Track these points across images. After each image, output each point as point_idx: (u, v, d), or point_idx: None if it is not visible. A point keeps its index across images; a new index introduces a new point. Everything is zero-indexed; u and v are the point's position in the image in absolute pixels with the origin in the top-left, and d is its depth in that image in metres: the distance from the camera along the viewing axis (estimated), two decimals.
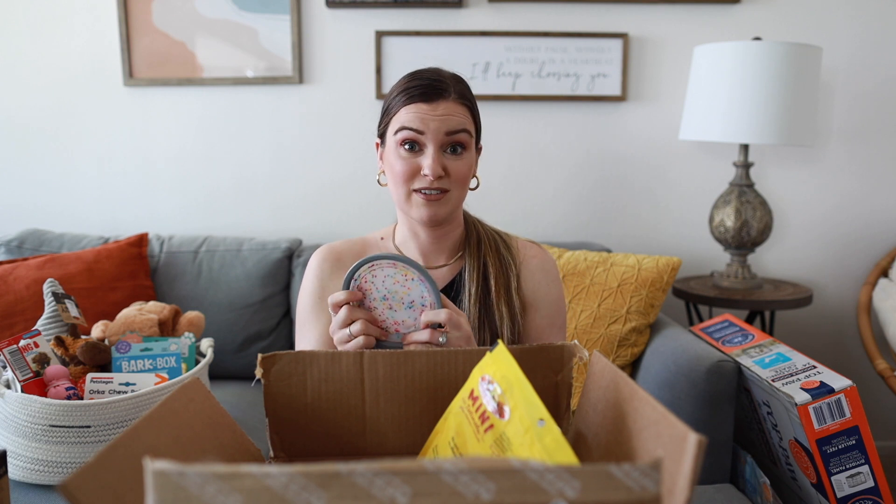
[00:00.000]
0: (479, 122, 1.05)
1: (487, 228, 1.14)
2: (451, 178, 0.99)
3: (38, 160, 2.10)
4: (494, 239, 1.11)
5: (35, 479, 1.11)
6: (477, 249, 1.09)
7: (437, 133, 0.97)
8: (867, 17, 1.99)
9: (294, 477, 0.42)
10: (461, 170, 0.99)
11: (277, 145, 2.08)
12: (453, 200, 1.01)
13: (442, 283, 1.08)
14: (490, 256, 1.08)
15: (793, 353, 1.32)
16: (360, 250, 1.10)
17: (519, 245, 1.12)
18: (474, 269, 1.07)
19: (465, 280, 1.07)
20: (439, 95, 0.97)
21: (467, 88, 1.03)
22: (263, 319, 1.84)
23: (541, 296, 1.08)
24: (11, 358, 1.12)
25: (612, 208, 2.10)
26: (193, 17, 2.00)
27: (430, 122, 0.97)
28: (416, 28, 1.99)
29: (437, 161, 0.97)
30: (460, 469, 0.42)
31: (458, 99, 0.99)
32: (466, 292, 1.05)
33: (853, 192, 2.07)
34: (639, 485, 0.42)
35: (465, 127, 0.99)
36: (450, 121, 0.97)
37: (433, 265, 1.09)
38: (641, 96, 2.04)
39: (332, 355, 0.76)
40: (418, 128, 0.97)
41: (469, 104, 1.01)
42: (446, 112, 0.97)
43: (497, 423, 0.62)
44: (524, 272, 1.09)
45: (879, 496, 1.18)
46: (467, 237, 1.11)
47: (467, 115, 1.00)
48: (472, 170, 1.02)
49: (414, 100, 0.98)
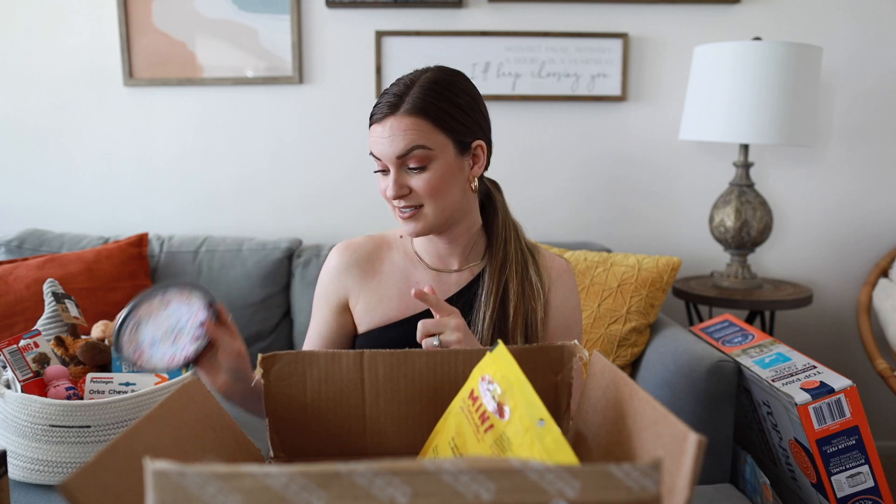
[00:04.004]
0: (457, 125, 0.96)
1: (522, 243, 1.07)
2: (419, 193, 0.96)
3: (38, 160, 2.10)
4: (525, 260, 1.05)
5: (35, 479, 1.11)
6: (499, 272, 1.03)
7: (389, 157, 0.94)
8: (867, 17, 1.99)
9: (294, 477, 0.42)
10: (428, 184, 0.95)
11: (277, 145, 2.08)
12: (430, 214, 0.97)
13: (453, 289, 1.05)
14: (513, 282, 1.02)
15: (793, 353, 1.32)
16: (377, 247, 1.09)
17: (546, 263, 1.07)
18: (491, 294, 1.01)
19: (479, 301, 1.02)
20: (387, 113, 0.94)
21: (436, 93, 0.94)
22: (263, 319, 1.84)
23: (555, 306, 1.06)
24: (11, 358, 1.12)
25: (612, 208, 2.10)
26: (193, 17, 2.00)
27: (381, 145, 0.94)
28: (416, 28, 1.99)
29: (395, 182, 0.95)
30: (460, 469, 0.42)
31: (408, 113, 0.93)
32: (480, 316, 1.01)
33: (853, 192, 2.07)
34: (639, 485, 0.42)
35: (416, 143, 0.93)
36: (398, 142, 0.93)
37: (446, 268, 1.07)
38: (641, 96, 2.04)
39: (332, 355, 0.76)
40: (376, 154, 0.96)
41: (428, 115, 0.93)
42: (393, 132, 0.93)
43: (497, 423, 0.62)
44: (550, 296, 1.05)
45: (879, 496, 1.18)
46: (491, 249, 1.06)
47: (423, 128, 0.93)
48: (444, 180, 0.96)
49: (373, 121, 0.96)
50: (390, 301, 1.05)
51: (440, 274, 1.06)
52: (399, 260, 1.08)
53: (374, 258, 1.09)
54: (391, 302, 1.05)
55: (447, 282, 1.06)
